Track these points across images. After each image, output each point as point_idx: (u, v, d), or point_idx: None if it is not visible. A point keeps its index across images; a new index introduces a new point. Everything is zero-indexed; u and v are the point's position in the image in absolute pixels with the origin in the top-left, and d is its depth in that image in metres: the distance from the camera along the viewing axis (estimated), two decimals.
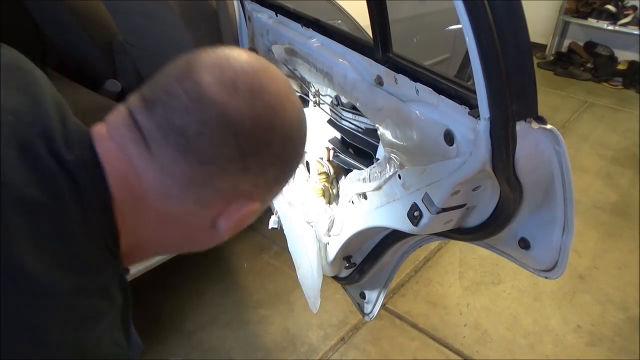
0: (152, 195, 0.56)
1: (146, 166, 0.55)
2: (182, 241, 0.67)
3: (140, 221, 0.58)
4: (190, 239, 0.66)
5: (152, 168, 0.55)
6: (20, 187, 0.47)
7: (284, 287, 1.97)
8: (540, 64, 4.59)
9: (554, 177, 0.80)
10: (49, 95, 0.57)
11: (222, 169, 0.56)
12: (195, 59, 0.58)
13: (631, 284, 2.05)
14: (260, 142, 0.57)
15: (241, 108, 0.54)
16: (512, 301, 1.96)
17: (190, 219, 0.61)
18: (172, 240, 0.65)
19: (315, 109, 1.39)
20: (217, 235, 0.64)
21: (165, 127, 0.54)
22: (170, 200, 0.57)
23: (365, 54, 1.07)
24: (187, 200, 0.58)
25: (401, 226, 1.05)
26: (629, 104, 3.97)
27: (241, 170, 0.57)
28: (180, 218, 0.60)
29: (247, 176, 0.58)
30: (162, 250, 0.69)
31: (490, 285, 2.04)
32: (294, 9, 1.36)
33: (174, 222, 0.61)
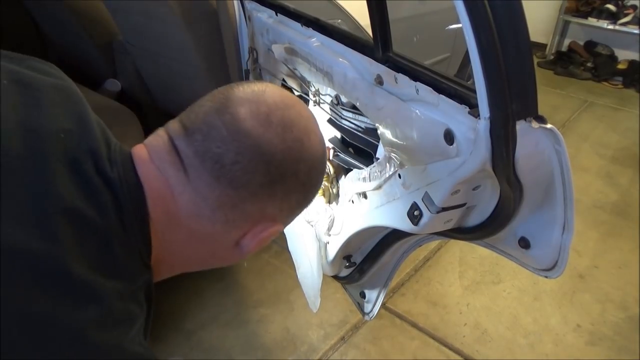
0: (185, 215, 0.61)
1: (182, 188, 0.60)
2: (207, 258, 0.70)
3: (171, 237, 0.62)
4: (215, 256, 0.70)
5: (188, 190, 0.60)
6: (69, 198, 0.51)
7: (284, 287, 1.97)
8: (540, 63, 4.59)
9: (554, 176, 0.80)
10: (93, 117, 0.62)
11: (252, 194, 0.62)
12: (233, 92, 0.64)
13: (631, 283, 2.05)
14: (288, 171, 0.63)
15: (274, 141, 0.60)
16: (512, 300, 1.96)
17: (217, 237, 0.65)
18: (198, 256, 0.69)
19: (315, 108, 1.39)
20: (239, 253, 0.68)
21: (203, 154, 0.60)
22: (201, 220, 0.62)
23: (365, 54, 1.07)
24: (217, 220, 0.62)
25: (401, 225, 1.05)
26: (629, 104, 3.97)
27: (269, 195, 0.63)
28: (209, 236, 0.64)
29: (273, 201, 0.64)
30: (187, 267, 0.71)
31: (490, 284, 2.04)
32: (294, 8, 1.35)
33: (202, 240, 0.65)
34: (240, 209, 0.62)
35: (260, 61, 1.55)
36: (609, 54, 4.43)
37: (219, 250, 0.68)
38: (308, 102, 1.42)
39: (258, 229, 0.66)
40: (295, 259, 1.63)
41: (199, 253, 0.68)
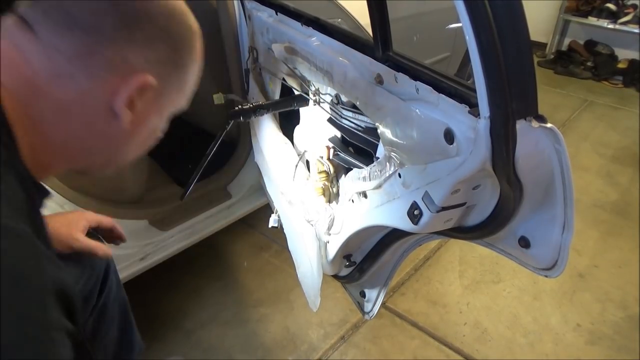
0: (43, 77, 0.59)
1: (33, 47, 0.58)
2: (86, 136, 0.65)
3: (36, 111, 0.60)
4: (94, 132, 0.65)
5: (39, 48, 0.58)
6: None
7: (284, 286, 1.97)
8: (540, 63, 4.59)
9: (554, 175, 0.80)
10: None
11: (107, 37, 0.59)
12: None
13: (631, 283, 2.05)
14: (140, 12, 0.61)
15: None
16: (512, 300, 1.96)
17: (86, 100, 0.61)
18: (75, 134, 0.64)
19: (315, 107, 1.39)
20: (118, 123, 0.64)
21: (48, 9, 0.58)
22: (61, 79, 0.59)
23: (365, 53, 1.07)
24: (78, 75, 0.59)
25: (401, 225, 1.05)
26: (629, 103, 3.97)
27: (127, 40, 0.60)
28: (77, 102, 0.61)
29: (134, 47, 0.61)
30: (72, 156, 0.67)
31: (490, 284, 2.04)
32: (294, 8, 1.36)
33: (71, 110, 0.61)
34: (100, 57, 0.59)
35: (260, 60, 1.55)
36: (609, 53, 4.43)
37: (95, 121, 0.63)
38: (308, 101, 1.42)
39: (127, 83, 0.62)
40: (295, 258, 1.63)
41: (74, 128, 0.63)
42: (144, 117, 0.67)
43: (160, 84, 0.65)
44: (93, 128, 0.64)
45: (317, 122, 1.44)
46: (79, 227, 1.05)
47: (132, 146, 0.71)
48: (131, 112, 0.64)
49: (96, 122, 0.64)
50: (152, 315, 1.78)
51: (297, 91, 1.45)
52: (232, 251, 2.15)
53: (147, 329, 1.63)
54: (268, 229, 1.69)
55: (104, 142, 0.67)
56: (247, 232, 2.24)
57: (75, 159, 0.68)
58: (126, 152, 0.72)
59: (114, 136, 0.67)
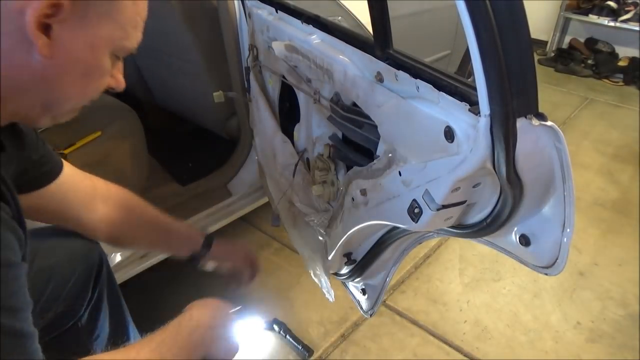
0: None
1: None
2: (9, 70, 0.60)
3: None
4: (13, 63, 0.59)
5: None
6: None
7: (284, 284, 1.98)
8: (540, 61, 4.59)
9: (555, 173, 0.79)
10: None
11: None
12: None
13: (631, 281, 2.05)
14: None
15: None
16: (512, 298, 1.96)
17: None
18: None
19: (315, 105, 1.39)
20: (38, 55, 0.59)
21: None
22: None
23: (365, 51, 1.07)
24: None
25: (401, 223, 1.05)
26: (629, 101, 3.96)
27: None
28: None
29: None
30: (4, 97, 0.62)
31: (490, 282, 2.04)
32: (294, 6, 1.35)
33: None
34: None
35: (261, 58, 1.55)
36: (610, 51, 4.43)
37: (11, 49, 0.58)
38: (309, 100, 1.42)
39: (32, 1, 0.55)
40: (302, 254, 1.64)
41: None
42: (67, 46, 0.61)
43: (76, 7, 0.59)
44: (12, 58, 0.59)
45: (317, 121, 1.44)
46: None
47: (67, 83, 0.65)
48: (48, 38, 0.58)
49: (13, 50, 0.58)
50: (152, 314, 1.78)
51: (297, 89, 1.44)
52: None
53: (147, 327, 1.63)
54: (268, 227, 1.70)
55: (28, 76, 0.61)
56: (248, 230, 2.24)
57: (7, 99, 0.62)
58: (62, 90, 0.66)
59: (36, 68, 0.61)
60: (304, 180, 1.53)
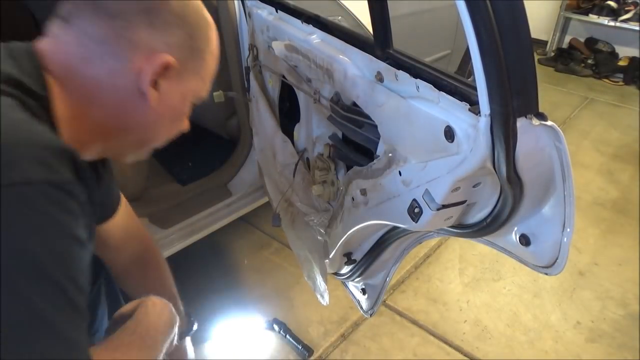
0: (76, 59, 0.68)
1: (66, 35, 0.69)
2: (118, 114, 0.73)
3: (72, 91, 0.68)
4: (123, 109, 0.73)
5: (72, 34, 0.68)
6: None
7: (284, 283, 1.98)
8: (540, 60, 4.59)
9: (555, 173, 0.80)
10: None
11: (130, 22, 0.68)
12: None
13: (631, 281, 2.05)
14: (158, 0, 0.71)
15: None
16: (512, 297, 1.96)
17: (115, 79, 0.70)
18: (108, 114, 0.72)
19: (315, 105, 1.39)
20: (146, 103, 0.72)
21: (79, 3, 0.69)
22: (92, 61, 0.69)
23: (365, 51, 1.07)
24: (107, 56, 0.69)
25: (401, 223, 1.05)
26: (629, 101, 3.96)
27: (147, 25, 0.69)
28: (107, 81, 0.70)
29: (154, 31, 0.70)
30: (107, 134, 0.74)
31: (491, 281, 2.04)
32: (294, 5, 1.35)
33: (102, 88, 0.70)
34: (124, 40, 0.68)
35: (261, 58, 1.55)
36: (610, 50, 4.43)
37: (125, 98, 0.71)
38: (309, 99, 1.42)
39: (150, 63, 0.70)
40: (298, 255, 1.64)
41: (107, 106, 0.71)
42: (168, 97, 0.74)
43: (179, 66, 0.73)
44: (124, 106, 0.72)
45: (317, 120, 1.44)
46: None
47: (161, 127, 0.79)
48: (156, 92, 0.72)
49: (126, 100, 0.72)
50: None
51: (297, 89, 1.44)
52: (233, 249, 2.16)
53: None
54: (268, 227, 1.70)
55: (134, 120, 0.75)
56: (248, 230, 2.24)
57: (110, 137, 0.74)
58: (156, 133, 0.80)
59: (143, 114, 0.74)
60: (304, 180, 1.53)
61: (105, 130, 0.73)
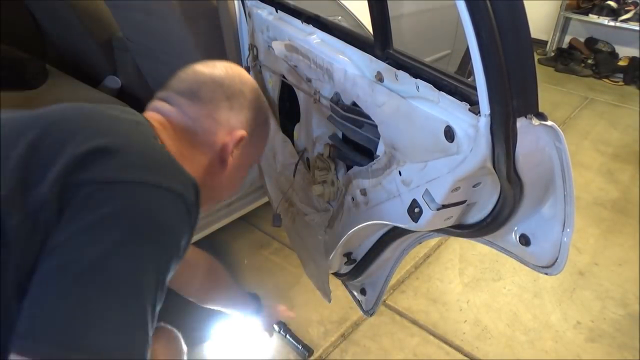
0: (179, 129, 0.89)
1: (171, 112, 0.91)
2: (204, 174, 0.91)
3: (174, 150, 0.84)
4: (208, 171, 0.92)
5: (175, 113, 0.91)
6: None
7: (284, 283, 1.98)
8: (540, 60, 4.59)
9: (555, 173, 0.80)
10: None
11: (216, 106, 0.92)
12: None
13: (631, 280, 2.05)
14: (236, 89, 0.95)
15: (221, 72, 0.95)
16: (512, 297, 1.96)
17: (205, 149, 0.91)
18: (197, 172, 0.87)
19: (315, 105, 1.39)
20: (225, 167, 0.94)
21: (178, 90, 0.93)
22: (189, 132, 0.90)
23: (365, 51, 1.07)
24: (199, 130, 0.90)
25: (401, 222, 1.05)
26: (629, 100, 3.96)
27: (228, 108, 0.93)
28: (199, 150, 0.91)
29: (233, 112, 0.94)
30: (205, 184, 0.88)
31: (491, 281, 2.04)
32: (294, 5, 1.35)
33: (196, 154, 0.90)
34: (212, 118, 0.91)
35: (261, 58, 1.55)
36: (610, 50, 4.43)
37: (211, 163, 0.92)
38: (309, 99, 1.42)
39: (231, 136, 0.92)
40: (299, 257, 1.64)
41: (198, 166, 0.90)
42: (238, 163, 0.96)
43: (248, 139, 0.95)
44: (209, 168, 0.92)
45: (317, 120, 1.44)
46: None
47: (229, 186, 1.01)
48: (232, 158, 0.93)
49: (213, 166, 0.93)
50: None
51: (297, 89, 1.44)
52: (232, 249, 2.16)
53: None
54: (268, 226, 1.70)
55: (213, 180, 0.94)
56: (248, 230, 2.24)
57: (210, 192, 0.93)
58: (225, 190, 1.02)
59: (221, 176, 0.95)
60: (304, 179, 1.53)
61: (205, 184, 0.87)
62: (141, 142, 0.76)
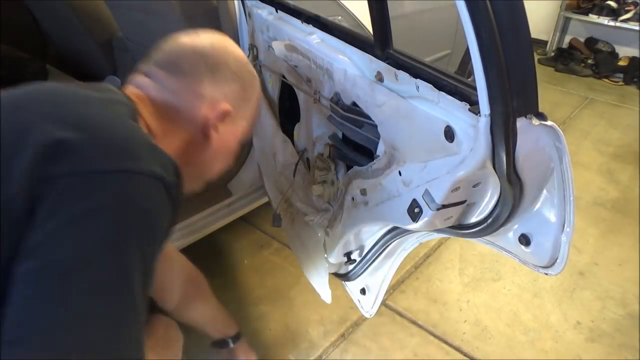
0: (160, 104, 0.85)
1: (150, 86, 0.86)
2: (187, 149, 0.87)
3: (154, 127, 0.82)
4: (191, 145, 0.88)
5: (154, 86, 0.86)
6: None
7: (284, 283, 1.98)
8: (540, 60, 4.59)
9: (555, 173, 0.80)
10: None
11: (198, 79, 0.87)
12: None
13: (631, 280, 2.05)
14: (220, 61, 0.89)
15: (204, 42, 0.90)
16: (512, 297, 1.96)
17: (186, 123, 0.87)
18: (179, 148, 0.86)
19: (315, 105, 1.39)
20: (208, 142, 0.89)
21: (159, 62, 0.88)
22: (169, 107, 0.86)
23: (365, 51, 1.07)
24: (180, 104, 0.86)
25: (401, 223, 1.05)
26: (629, 100, 3.96)
27: (211, 80, 0.88)
28: (180, 124, 0.86)
29: (216, 85, 0.88)
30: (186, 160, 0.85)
31: (490, 281, 2.04)
32: (294, 5, 1.35)
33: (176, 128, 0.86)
34: (193, 91, 0.86)
35: (261, 58, 1.55)
36: (610, 50, 4.42)
37: (193, 137, 0.88)
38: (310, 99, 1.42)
39: (213, 110, 0.87)
40: (298, 257, 1.64)
41: (179, 140, 0.87)
42: (224, 138, 0.91)
43: (234, 113, 0.90)
44: (191, 144, 0.88)
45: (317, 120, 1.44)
46: None
47: (216, 163, 0.96)
48: (216, 134, 0.88)
49: (193, 139, 0.88)
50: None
51: (297, 89, 1.44)
52: (232, 249, 2.16)
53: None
54: (268, 227, 1.69)
55: (197, 157, 0.90)
56: (248, 230, 2.24)
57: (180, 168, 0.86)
58: (212, 168, 0.97)
59: (205, 152, 0.90)
60: (304, 179, 1.54)
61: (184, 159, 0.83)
62: (113, 125, 0.71)
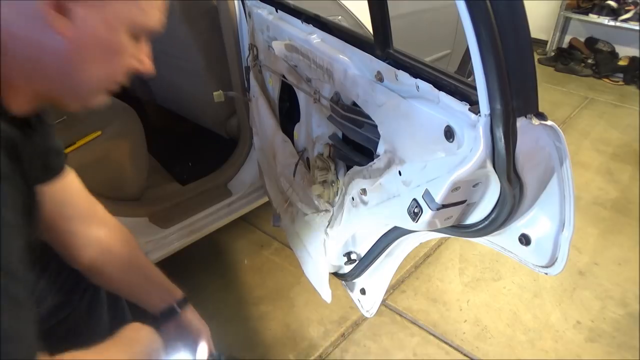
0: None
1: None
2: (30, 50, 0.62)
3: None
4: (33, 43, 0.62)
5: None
6: None
7: (284, 283, 1.98)
8: (540, 60, 4.59)
9: (555, 173, 0.80)
10: None
11: None
12: None
13: (631, 280, 2.05)
14: None
15: None
16: (512, 297, 1.96)
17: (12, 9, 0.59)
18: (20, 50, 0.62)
19: (315, 105, 1.39)
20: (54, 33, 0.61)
21: None
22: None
23: (365, 50, 1.07)
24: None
25: (401, 222, 1.05)
26: (629, 100, 3.96)
27: None
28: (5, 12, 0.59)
29: None
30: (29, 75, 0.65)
31: (491, 281, 2.04)
32: (294, 5, 1.35)
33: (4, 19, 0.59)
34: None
35: (261, 58, 1.55)
36: (610, 50, 4.42)
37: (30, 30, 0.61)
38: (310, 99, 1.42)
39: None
40: (298, 256, 1.63)
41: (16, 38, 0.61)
42: (86, 25, 0.62)
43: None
44: (31, 39, 0.61)
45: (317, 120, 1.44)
46: None
47: (87, 62, 0.66)
48: (66, 19, 0.60)
49: (31, 32, 0.61)
50: None
51: (297, 89, 1.44)
52: (233, 249, 2.16)
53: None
54: (268, 226, 1.70)
55: (50, 56, 0.63)
56: (248, 230, 2.24)
57: (32, 81, 0.65)
58: (84, 72, 0.67)
59: (60, 49, 0.63)
60: (304, 179, 1.53)
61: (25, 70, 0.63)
62: None
